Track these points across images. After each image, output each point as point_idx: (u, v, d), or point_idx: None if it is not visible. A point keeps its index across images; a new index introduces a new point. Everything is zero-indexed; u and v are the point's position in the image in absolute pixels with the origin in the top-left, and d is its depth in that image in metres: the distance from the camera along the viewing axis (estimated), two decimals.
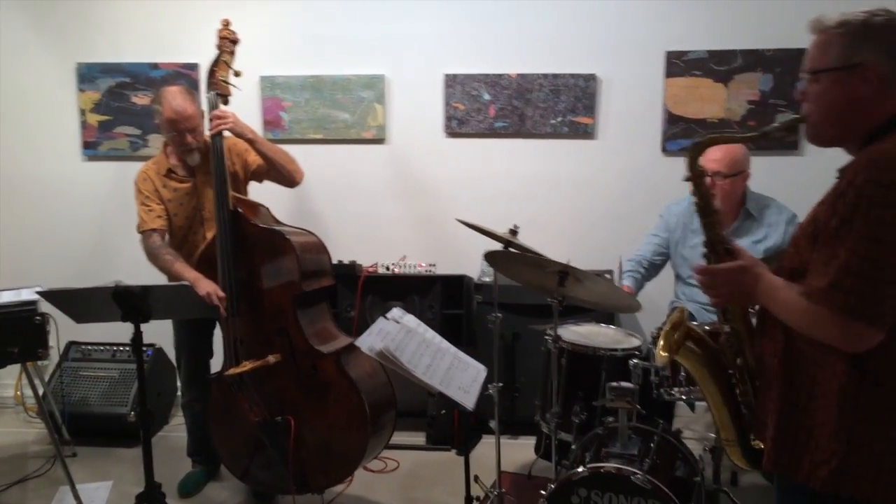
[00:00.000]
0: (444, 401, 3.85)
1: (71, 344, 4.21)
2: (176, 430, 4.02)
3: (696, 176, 1.78)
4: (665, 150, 3.95)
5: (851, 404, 1.47)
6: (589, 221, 4.02)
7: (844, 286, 1.41)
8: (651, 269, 3.44)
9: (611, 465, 2.52)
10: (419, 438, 3.96)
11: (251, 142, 3.17)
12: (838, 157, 1.57)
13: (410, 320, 2.27)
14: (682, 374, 2.77)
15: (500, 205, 3.98)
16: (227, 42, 3.22)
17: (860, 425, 1.47)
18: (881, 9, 1.53)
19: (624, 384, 2.60)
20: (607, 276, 3.68)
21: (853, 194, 1.41)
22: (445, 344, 2.29)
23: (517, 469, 3.60)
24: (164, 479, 3.39)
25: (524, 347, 3.81)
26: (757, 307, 1.73)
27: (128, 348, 3.97)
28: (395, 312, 2.26)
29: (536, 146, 4.04)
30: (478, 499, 2.48)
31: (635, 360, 2.77)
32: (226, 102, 3.20)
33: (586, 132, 3.98)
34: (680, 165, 1.77)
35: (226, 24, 3.25)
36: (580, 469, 2.54)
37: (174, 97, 3.13)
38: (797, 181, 3.46)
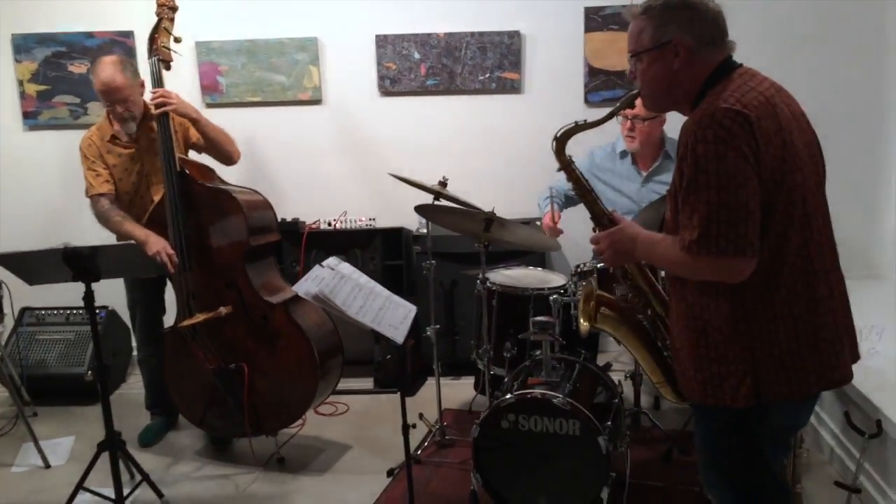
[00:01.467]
0: (386, 346, 4.11)
1: (25, 310, 4.32)
2: (133, 388, 4.19)
3: (566, 164, 2.04)
4: (587, 102, 4.19)
5: (743, 326, 1.70)
6: (517, 171, 4.24)
7: (712, 233, 1.61)
8: (567, 202, 3.58)
9: (535, 391, 2.79)
10: (367, 384, 4.20)
11: (195, 122, 3.29)
12: None
13: (345, 268, 2.48)
14: None
15: (434, 159, 4.17)
16: (166, 9, 3.29)
17: (756, 341, 1.69)
18: None
19: (545, 318, 2.86)
20: (537, 223, 3.93)
21: (691, 156, 1.63)
22: (379, 288, 2.51)
23: (459, 406, 3.87)
24: (125, 432, 3.56)
25: (462, 293, 4.06)
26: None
27: (81, 311, 4.18)
28: (331, 261, 2.47)
29: (466, 102, 4.25)
30: (414, 426, 2.71)
31: (554, 296, 3.03)
32: (168, 68, 3.29)
33: (513, 87, 4.19)
34: (601, 114, 1.96)
35: None
36: (508, 396, 2.81)
37: (104, 68, 3.21)
38: None
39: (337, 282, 2.35)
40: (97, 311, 4.19)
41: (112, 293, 3.70)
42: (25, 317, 4.31)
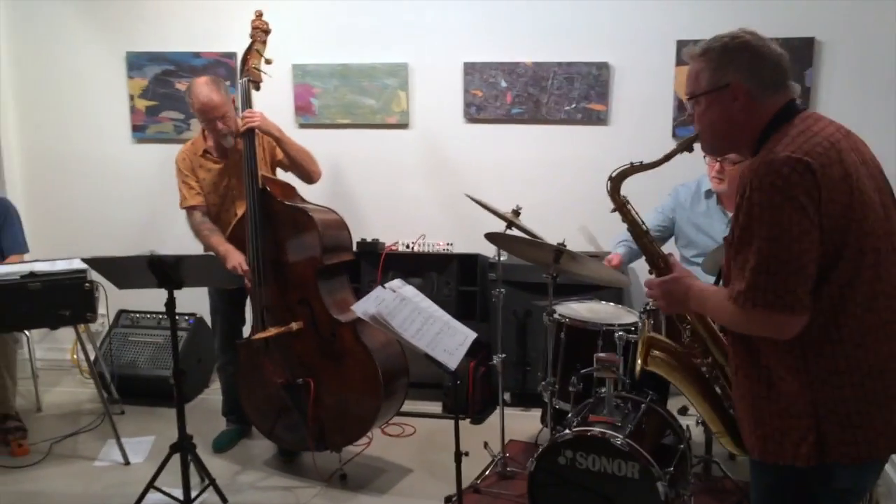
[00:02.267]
0: (457, 373, 4.11)
1: (121, 312, 4.59)
2: (215, 394, 4.34)
3: (621, 205, 2.01)
4: (675, 136, 4.09)
5: (806, 379, 1.62)
6: (601, 204, 4.16)
7: (761, 285, 1.57)
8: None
9: (595, 429, 2.74)
10: (436, 407, 4.22)
11: (277, 140, 3.42)
12: None
13: (408, 291, 2.51)
14: None
15: (516, 187, 4.15)
16: (260, 32, 3.47)
17: (820, 395, 1.62)
18: (739, 31, 1.73)
19: (609, 355, 2.81)
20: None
21: (746, 205, 1.59)
22: (440, 313, 2.53)
23: (526, 438, 3.83)
24: (203, 436, 3.76)
25: (535, 323, 4.01)
26: None
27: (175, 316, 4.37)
28: (395, 283, 2.52)
29: (551, 132, 4.23)
30: (467, 454, 2.72)
31: (620, 333, 2.96)
32: (257, 88, 3.47)
33: (599, 118, 4.15)
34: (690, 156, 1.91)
35: (259, 15, 3.50)
36: (566, 432, 2.77)
37: (201, 89, 3.38)
38: None
39: (397, 304, 2.38)
40: (186, 317, 4.46)
41: (201, 301, 3.87)
42: (121, 319, 4.57)
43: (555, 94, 4.15)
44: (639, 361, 2.25)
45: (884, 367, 1.62)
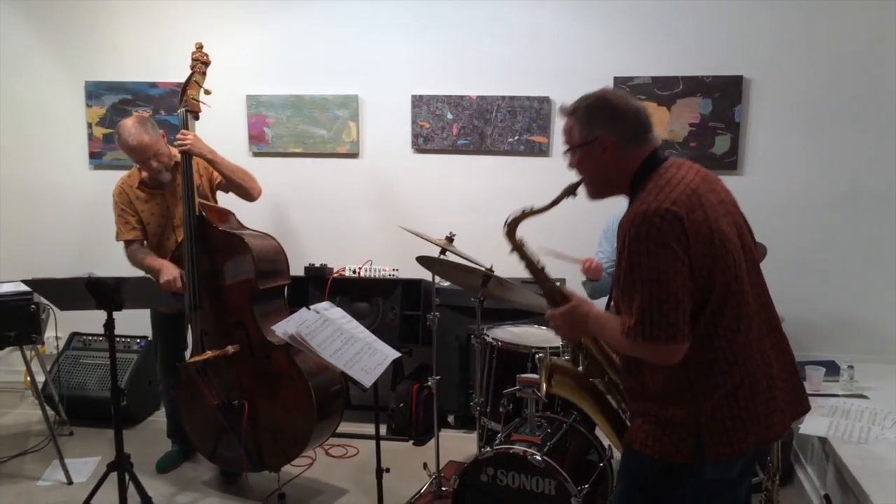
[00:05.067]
0: (401, 394, 4.20)
1: (74, 335, 4.63)
2: (165, 416, 4.41)
3: (518, 247, 2.15)
4: None
5: (689, 395, 1.83)
6: (543, 232, 4.28)
7: (647, 321, 1.75)
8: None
9: (515, 447, 2.83)
10: (381, 429, 4.27)
11: (210, 161, 3.47)
12: (775, 176, 1.82)
13: (335, 312, 2.61)
14: None
15: (462, 215, 4.29)
16: (199, 63, 3.52)
17: (700, 406, 1.82)
18: (602, 90, 1.97)
19: (529, 376, 2.91)
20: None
21: (627, 252, 1.78)
22: (364, 334, 2.63)
23: (465, 458, 3.90)
24: (149, 457, 3.82)
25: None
26: None
27: (125, 339, 4.43)
28: (322, 305, 2.62)
29: (495, 162, 4.38)
30: (388, 470, 2.80)
31: (540, 355, 3.07)
32: (196, 118, 3.49)
33: (541, 150, 4.31)
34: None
35: (199, 46, 3.55)
36: (488, 450, 2.86)
37: (129, 131, 3.41)
38: (739, 197, 3.73)
39: (319, 325, 2.48)
40: (138, 339, 4.51)
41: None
42: (74, 341, 4.62)
43: (499, 126, 4.30)
44: (543, 386, 2.37)
45: (751, 377, 1.85)
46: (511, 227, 2.14)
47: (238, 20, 4.48)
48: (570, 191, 2.03)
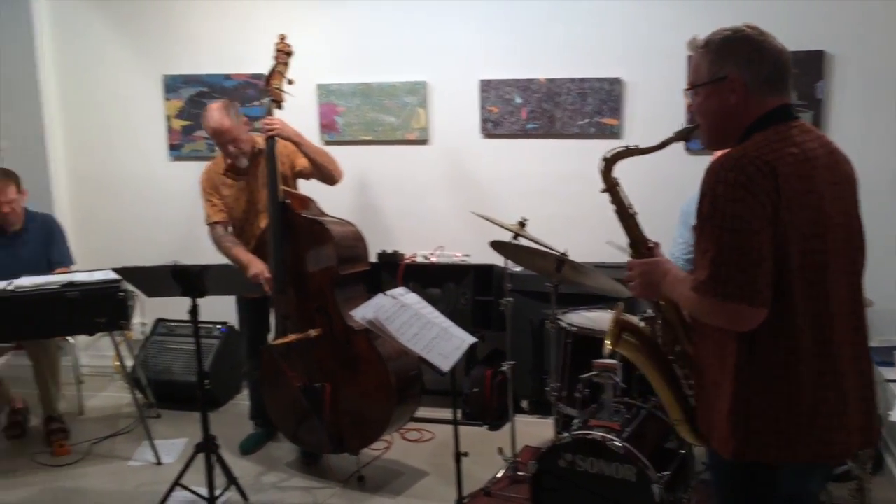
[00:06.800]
0: (475, 380, 4.23)
1: (159, 321, 4.82)
2: (246, 399, 4.52)
3: (612, 186, 2.03)
4: (688, 149, 4.16)
5: (746, 378, 1.68)
6: (610, 214, 4.25)
7: (721, 276, 1.59)
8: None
9: (594, 433, 2.83)
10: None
11: (297, 144, 3.58)
12: (861, 154, 1.79)
13: (410, 298, 2.65)
14: None
15: (531, 200, 4.27)
16: (282, 54, 3.64)
17: (756, 397, 1.67)
18: (742, 25, 1.76)
19: (607, 361, 2.90)
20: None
21: (710, 194, 1.64)
22: (440, 319, 2.66)
23: (540, 444, 3.92)
24: (232, 439, 3.95)
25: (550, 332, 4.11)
26: None
27: (208, 325, 4.58)
28: (398, 291, 2.66)
29: (565, 146, 4.34)
30: (466, 454, 2.82)
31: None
32: (279, 107, 3.61)
33: (612, 132, 4.25)
34: (703, 163, 1.80)
35: (282, 38, 3.67)
36: (566, 435, 2.87)
37: (212, 114, 3.58)
38: None
39: (396, 310, 2.53)
40: (219, 325, 4.66)
41: (233, 311, 4.08)
42: (159, 327, 4.80)
43: (568, 109, 4.26)
44: (607, 342, 2.30)
45: (818, 383, 1.67)
46: (608, 164, 2.01)
47: (307, 10, 4.55)
48: (684, 135, 1.89)
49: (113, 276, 3.68)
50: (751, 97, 1.72)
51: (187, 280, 3.07)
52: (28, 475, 3.77)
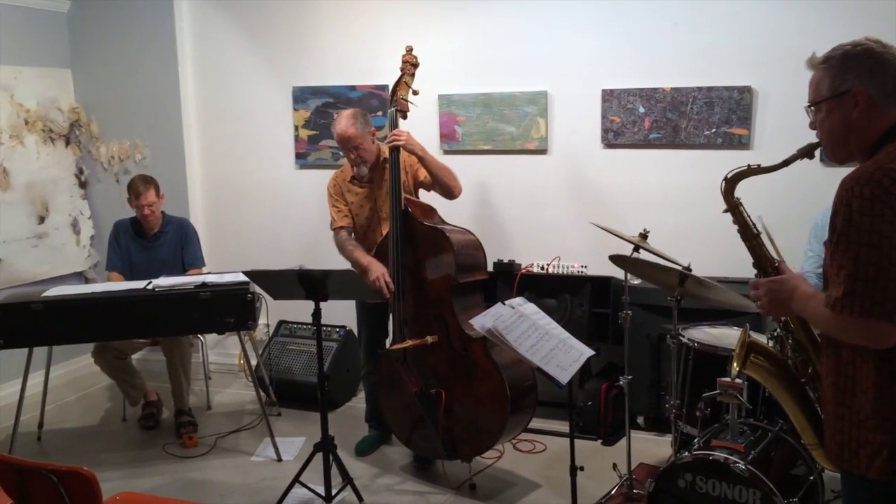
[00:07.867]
0: (589, 393, 4.16)
1: (281, 322, 5.02)
2: (362, 402, 4.63)
3: (734, 206, 2.03)
4: (822, 161, 3.94)
5: (888, 395, 1.63)
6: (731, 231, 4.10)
7: (858, 292, 1.58)
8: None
9: (716, 453, 2.73)
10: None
11: (420, 158, 3.66)
12: None
13: (528, 308, 2.64)
14: None
15: (653, 212, 4.17)
16: (409, 65, 3.74)
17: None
18: (862, 38, 1.75)
19: (732, 380, 2.78)
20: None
21: (845, 210, 1.60)
22: (558, 330, 2.64)
23: (656, 462, 3.82)
24: (348, 441, 4.05)
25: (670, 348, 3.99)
26: None
27: (328, 328, 4.73)
28: (516, 300, 2.66)
29: (690, 157, 4.21)
30: (581, 468, 2.78)
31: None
32: (404, 117, 3.72)
33: (741, 143, 4.09)
34: (838, 175, 1.77)
35: (409, 49, 3.77)
36: (686, 454, 2.78)
37: (340, 121, 3.71)
38: None
39: (514, 320, 2.53)
40: (337, 329, 4.80)
41: (352, 315, 4.19)
42: (281, 329, 5.00)
43: (694, 118, 4.13)
44: (735, 364, 2.24)
45: None
46: (730, 184, 2.03)
47: (428, 21, 4.63)
48: (808, 152, 1.91)
49: (242, 278, 3.86)
50: (874, 110, 1.72)
51: (311, 284, 3.18)
52: (159, 464, 4.01)
